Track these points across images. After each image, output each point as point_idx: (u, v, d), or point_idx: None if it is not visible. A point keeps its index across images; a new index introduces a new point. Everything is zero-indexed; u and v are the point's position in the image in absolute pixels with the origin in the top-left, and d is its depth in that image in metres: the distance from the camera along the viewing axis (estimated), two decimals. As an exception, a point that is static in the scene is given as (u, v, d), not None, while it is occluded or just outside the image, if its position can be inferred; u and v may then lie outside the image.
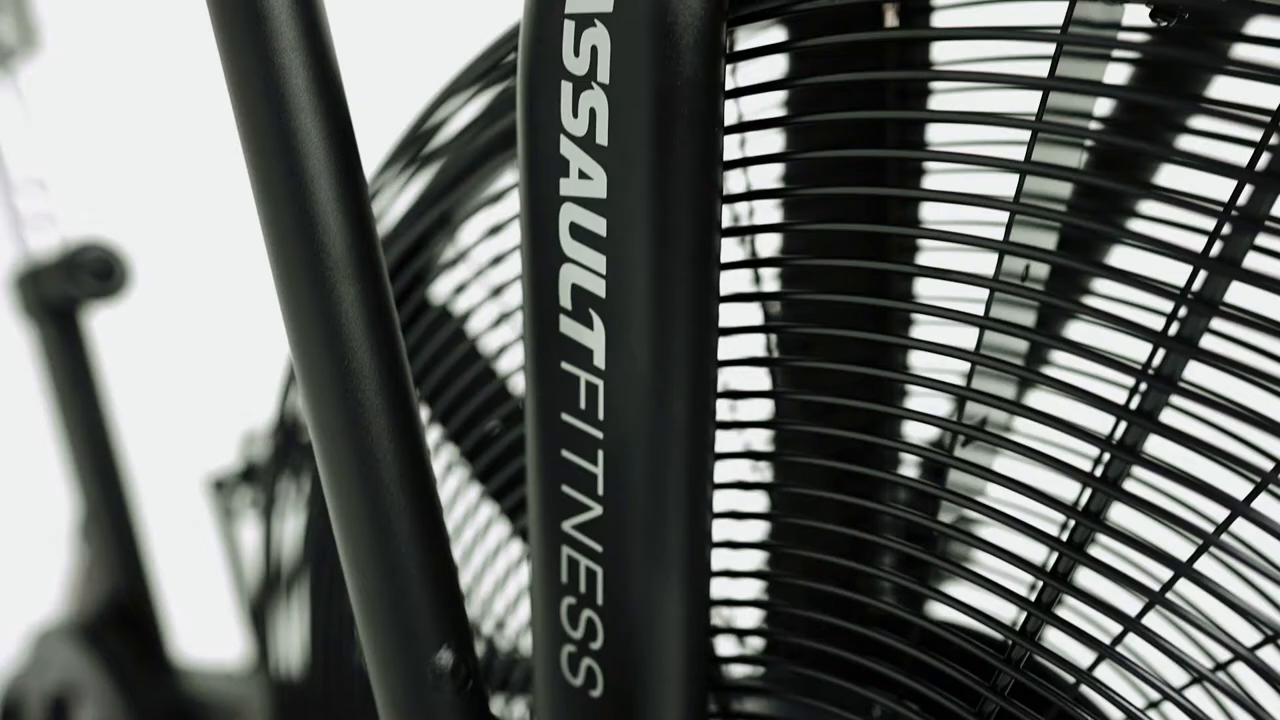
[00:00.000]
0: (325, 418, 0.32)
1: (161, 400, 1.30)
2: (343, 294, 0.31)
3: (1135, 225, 0.40)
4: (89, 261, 0.81)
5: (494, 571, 0.48)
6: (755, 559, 0.39)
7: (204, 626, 0.99)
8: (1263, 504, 0.29)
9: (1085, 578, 0.33)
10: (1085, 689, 0.33)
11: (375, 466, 0.32)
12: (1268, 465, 0.29)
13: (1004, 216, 0.31)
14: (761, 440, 0.38)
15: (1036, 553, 0.33)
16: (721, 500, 0.36)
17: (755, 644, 0.43)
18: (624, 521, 0.33)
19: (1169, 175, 0.32)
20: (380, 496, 0.32)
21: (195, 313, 1.37)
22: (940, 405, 0.39)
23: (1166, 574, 0.30)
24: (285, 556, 0.60)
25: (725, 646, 0.39)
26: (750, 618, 0.40)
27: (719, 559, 0.36)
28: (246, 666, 0.89)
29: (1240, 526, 0.29)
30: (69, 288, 0.81)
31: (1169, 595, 0.31)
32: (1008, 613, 0.34)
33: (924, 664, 0.34)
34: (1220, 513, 0.29)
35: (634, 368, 0.32)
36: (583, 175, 0.31)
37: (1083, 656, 0.32)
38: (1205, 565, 0.31)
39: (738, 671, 0.40)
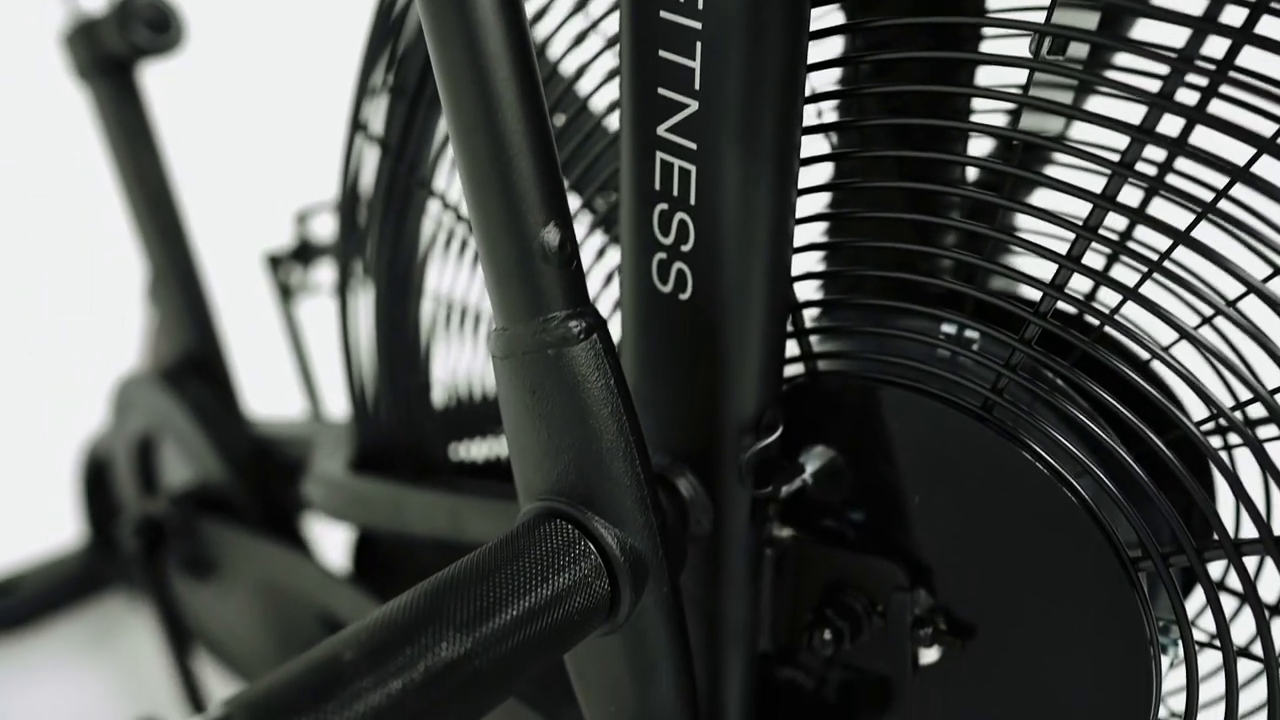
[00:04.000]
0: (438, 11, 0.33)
1: (217, 166, 1.31)
2: None
3: None
4: (142, 10, 0.81)
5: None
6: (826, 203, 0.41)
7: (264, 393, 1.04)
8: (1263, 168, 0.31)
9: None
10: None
11: (485, 51, 0.33)
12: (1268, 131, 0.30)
13: None
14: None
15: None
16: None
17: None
18: (720, 114, 0.35)
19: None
20: (489, 76, 0.33)
21: (251, 75, 1.36)
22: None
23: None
24: (360, 328, 0.63)
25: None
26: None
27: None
28: (308, 417, 0.94)
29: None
30: (123, 41, 0.81)
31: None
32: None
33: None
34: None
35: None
36: None
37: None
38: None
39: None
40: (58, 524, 1.15)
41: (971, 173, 0.50)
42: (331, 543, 0.89)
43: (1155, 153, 0.34)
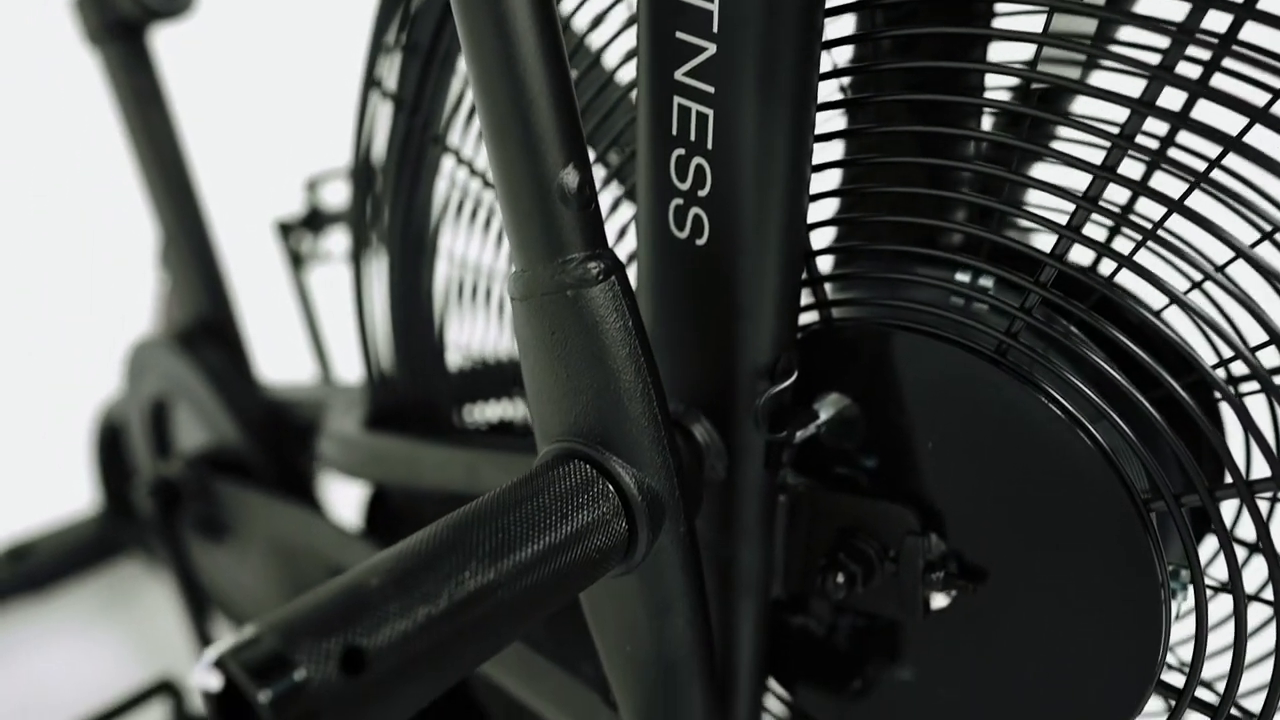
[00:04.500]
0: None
1: (228, 131, 1.31)
2: None
3: None
4: (153, -26, 0.81)
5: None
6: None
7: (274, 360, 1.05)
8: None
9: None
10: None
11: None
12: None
13: None
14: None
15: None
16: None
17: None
18: (739, 57, 0.35)
19: None
20: (508, 16, 0.33)
21: (262, 41, 1.36)
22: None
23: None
24: (374, 290, 0.63)
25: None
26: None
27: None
28: (319, 382, 0.95)
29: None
30: (134, 5, 0.81)
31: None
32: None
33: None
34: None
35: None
36: None
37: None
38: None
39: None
40: (72, 489, 1.17)
41: (986, 123, 0.50)
42: (343, 505, 0.90)
43: (1171, 101, 0.34)
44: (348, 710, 0.27)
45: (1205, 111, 0.34)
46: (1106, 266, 0.44)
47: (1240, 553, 0.45)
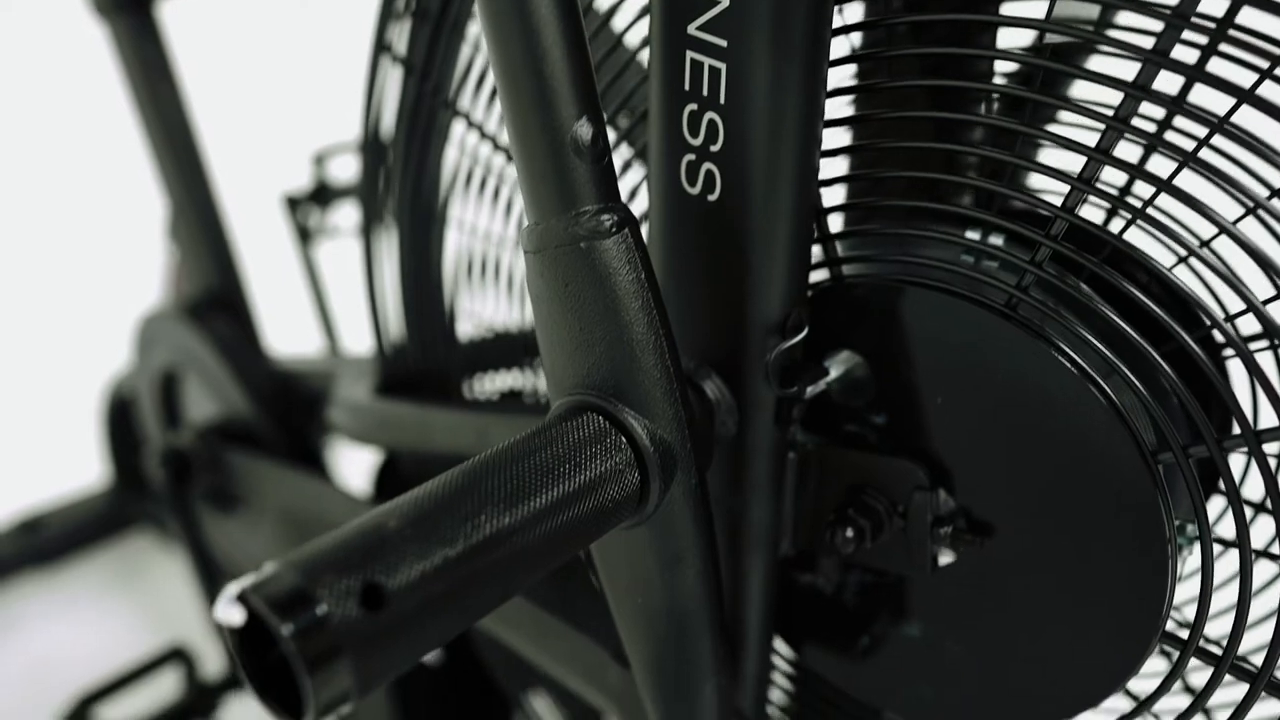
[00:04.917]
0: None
1: (237, 105, 1.31)
2: None
3: None
4: (161, -57, 0.80)
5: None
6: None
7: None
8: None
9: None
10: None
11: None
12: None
13: None
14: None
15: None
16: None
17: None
18: (751, 10, 0.35)
19: None
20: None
21: (271, 12, 1.36)
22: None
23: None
24: (385, 259, 0.63)
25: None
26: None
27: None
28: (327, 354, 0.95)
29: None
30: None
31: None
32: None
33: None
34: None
35: None
36: None
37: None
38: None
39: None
40: (83, 463, 1.17)
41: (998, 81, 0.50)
42: (353, 475, 0.90)
43: (1187, 56, 0.35)
44: (368, 645, 0.28)
45: (1217, 66, 0.34)
46: (1115, 228, 0.45)
47: (1247, 512, 0.45)
